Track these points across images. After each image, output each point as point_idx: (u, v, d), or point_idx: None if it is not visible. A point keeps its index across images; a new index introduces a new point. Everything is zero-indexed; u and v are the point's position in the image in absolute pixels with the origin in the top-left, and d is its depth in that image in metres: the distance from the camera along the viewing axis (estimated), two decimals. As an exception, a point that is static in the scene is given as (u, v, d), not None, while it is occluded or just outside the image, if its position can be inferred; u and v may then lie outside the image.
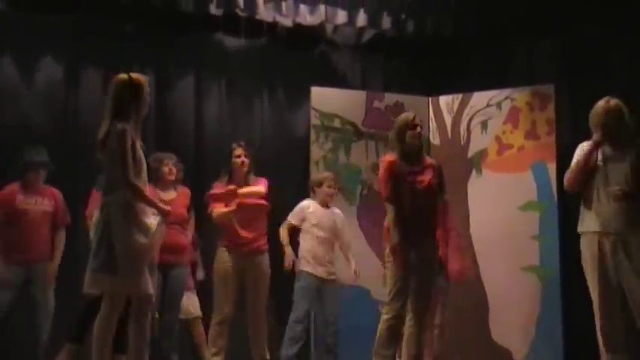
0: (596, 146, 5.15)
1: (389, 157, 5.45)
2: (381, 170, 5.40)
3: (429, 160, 5.54)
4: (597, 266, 5.10)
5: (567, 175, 5.29)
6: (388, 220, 5.32)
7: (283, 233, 6.66)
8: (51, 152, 6.33)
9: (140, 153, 4.64)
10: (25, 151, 6.19)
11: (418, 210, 5.28)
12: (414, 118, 5.43)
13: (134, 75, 4.74)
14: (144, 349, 4.74)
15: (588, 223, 5.18)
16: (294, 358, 6.47)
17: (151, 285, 4.68)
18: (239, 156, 6.18)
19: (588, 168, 5.15)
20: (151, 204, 4.68)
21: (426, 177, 5.35)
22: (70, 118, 7.08)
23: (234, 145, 6.24)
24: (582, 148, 5.29)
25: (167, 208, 4.82)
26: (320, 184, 6.81)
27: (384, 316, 5.29)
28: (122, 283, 4.54)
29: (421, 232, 5.30)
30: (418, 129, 5.40)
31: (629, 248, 5.01)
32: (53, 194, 6.26)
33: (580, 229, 5.26)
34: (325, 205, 6.79)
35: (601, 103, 5.25)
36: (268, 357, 6.17)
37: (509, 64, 8.08)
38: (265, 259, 6.21)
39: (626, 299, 5.06)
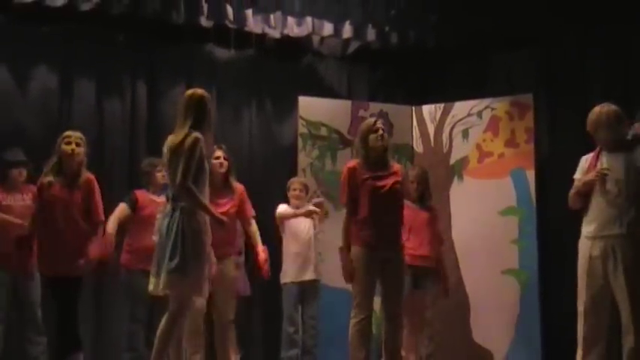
0: (597, 178, 5.07)
1: (350, 163, 5.46)
2: (342, 176, 5.41)
3: (395, 166, 5.48)
4: (587, 269, 5.08)
5: (572, 197, 5.24)
6: (344, 223, 5.35)
7: None
8: (44, 156, 6.29)
9: (207, 167, 4.69)
10: (6, 153, 6.14)
11: (379, 214, 5.22)
12: (376, 122, 5.40)
13: (206, 92, 4.84)
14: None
15: (585, 228, 5.17)
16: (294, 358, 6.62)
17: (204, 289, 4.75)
18: (218, 157, 6.01)
19: (589, 191, 5.13)
20: (207, 211, 4.66)
21: (389, 181, 5.29)
22: (63, 126, 7.02)
23: (213, 147, 6.13)
24: (585, 161, 5.26)
25: (223, 218, 4.81)
26: (288, 188, 6.88)
27: (352, 321, 5.26)
28: (192, 286, 4.60)
29: (383, 235, 5.24)
30: (380, 132, 5.34)
31: (620, 251, 4.99)
32: (32, 190, 6.07)
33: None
34: (296, 207, 6.81)
35: (597, 109, 5.20)
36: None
37: (489, 74, 8.13)
38: (230, 263, 5.98)
39: (613, 304, 5.03)
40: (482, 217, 7.42)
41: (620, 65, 7.26)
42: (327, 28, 7.84)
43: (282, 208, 6.85)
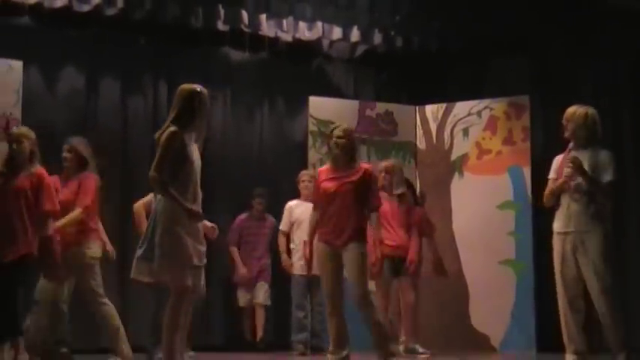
0: (566, 181, 5.22)
1: (321, 167, 5.57)
2: None
3: (361, 166, 5.34)
4: (560, 262, 5.24)
5: (546, 196, 5.37)
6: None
7: (281, 241, 7.03)
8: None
9: (193, 158, 4.56)
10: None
11: (329, 214, 5.26)
12: (335, 128, 5.35)
13: (199, 87, 4.71)
14: (183, 339, 4.66)
15: (555, 223, 5.31)
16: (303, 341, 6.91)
17: (188, 277, 4.51)
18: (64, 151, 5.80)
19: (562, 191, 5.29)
20: (178, 203, 4.45)
21: (339, 182, 5.23)
22: (89, 122, 7.29)
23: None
24: (557, 162, 5.38)
25: (194, 210, 4.52)
26: (298, 181, 7.10)
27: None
28: (159, 272, 4.53)
29: (337, 232, 5.25)
30: (334, 140, 5.27)
31: (587, 245, 5.13)
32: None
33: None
34: (306, 198, 6.99)
35: (574, 108, 5.33)
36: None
37: (487, 77, 8.26)
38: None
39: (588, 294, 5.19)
40: (481, 210, 7.60)
41: (608, 68, 7.45)
42: (336, 33, 8.03)
43: (292, 205, 7.04)
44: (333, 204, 5.24)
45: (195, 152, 4.61)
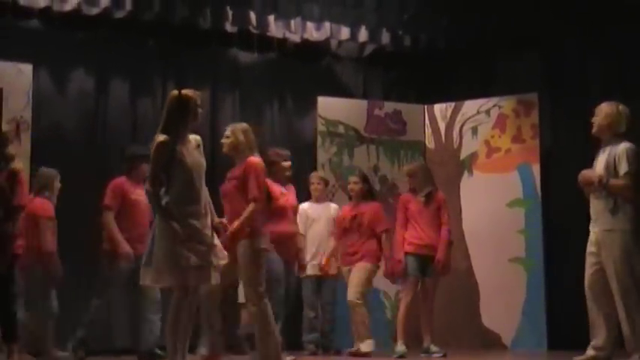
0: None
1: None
2: None
3: (246, 162, 5.08)
4: (587, 260, 5.22)
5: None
6: None
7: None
8: (82, 153, 6.47)
9: (187, 160, 4.50)
10: (134, 147, 6.24)
11: (227, 212, 5.15)
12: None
13: (184, 91, 4.65)
14: (186, 338, 4.59)
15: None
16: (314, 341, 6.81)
17: (188, 278, 4.51)
18: None
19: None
20: (164, 218, 4.48)
21: (230, 179, 5.13)
22: (99, 123, 7.26)
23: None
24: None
25: (175, 226, 4.46)
26: (309, 183, 7.02)
27: None
28: (158, 276, 4.52)
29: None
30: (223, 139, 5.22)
31: (608, 244, 5.10)
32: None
33: None
34: (316, 200, 6.94)
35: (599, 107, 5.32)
36: None
37: (496, 75, 8.22)
38: None
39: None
40: (491, 209, 7.56)
41: (617, 66, 7.38)
42: (344, 33, 8.01)
43: (305, 207, 6.93)
44: (225, 202, 5.15)
45: (192, 155, 4.57)
